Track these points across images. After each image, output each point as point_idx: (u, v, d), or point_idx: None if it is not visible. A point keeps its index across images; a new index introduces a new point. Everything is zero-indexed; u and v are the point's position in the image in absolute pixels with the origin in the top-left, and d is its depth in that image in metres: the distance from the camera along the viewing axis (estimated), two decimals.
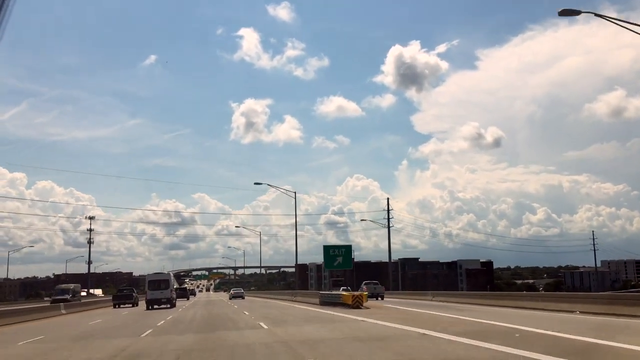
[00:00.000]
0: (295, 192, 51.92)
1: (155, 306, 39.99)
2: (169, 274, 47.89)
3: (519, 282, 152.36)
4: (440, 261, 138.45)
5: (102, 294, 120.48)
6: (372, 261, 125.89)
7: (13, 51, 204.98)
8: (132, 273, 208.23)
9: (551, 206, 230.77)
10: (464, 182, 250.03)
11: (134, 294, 51.56)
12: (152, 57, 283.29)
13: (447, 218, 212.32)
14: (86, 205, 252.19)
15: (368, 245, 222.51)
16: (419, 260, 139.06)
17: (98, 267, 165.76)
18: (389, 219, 73.03)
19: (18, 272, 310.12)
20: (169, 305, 40.33)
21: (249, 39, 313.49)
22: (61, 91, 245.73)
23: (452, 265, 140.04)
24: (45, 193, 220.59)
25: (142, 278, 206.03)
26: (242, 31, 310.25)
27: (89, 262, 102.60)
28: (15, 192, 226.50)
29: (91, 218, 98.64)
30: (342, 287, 72.22)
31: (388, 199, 76.25)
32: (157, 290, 40.52)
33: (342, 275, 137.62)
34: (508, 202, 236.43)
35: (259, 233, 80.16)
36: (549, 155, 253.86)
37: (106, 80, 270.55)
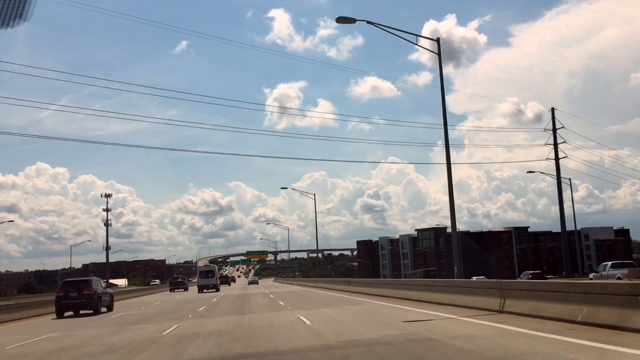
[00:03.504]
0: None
1: (205, 290, 47.94)
2: (214, 266, 61.90)
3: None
4: (553, 231, 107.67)
5: (127, 284, 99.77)
6: (472, 231, 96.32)
7: (52, 48, 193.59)
8: (164, 260, 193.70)
9: (593, 182, 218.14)
10: (501, 161, 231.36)
11: (185, 281, 64.16)
12: (184, 43, 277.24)
13: (484, 198, 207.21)
14: (127, 197, 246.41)
15: (405, 228, 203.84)
16: (529, 229, 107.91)
17: (117, 255, 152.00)
18: (556, 145, 43.32)
19: (64, 262, 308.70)
20: (214, 290, 48.38)
21: (280, 20, 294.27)
22: (99, 86, 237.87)
23: (572, 236, 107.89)
24: (86, 186, 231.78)
25: (175, 266, 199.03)
26: (273, 12, 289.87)
27: (107, 248, 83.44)
28: (58, 187, 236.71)
29: (108, 196, 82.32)
30: (523, 272, 45.18)
31: (553, 109, 45.17)
32: (206, 278, 49.86)
33: (432, 252, 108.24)
34: (547, 180, 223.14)
35: (313, 196, 58.12)
36: (589, 130, 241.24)
37: (141, 73, 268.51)
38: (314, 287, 43.87)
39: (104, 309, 24.36)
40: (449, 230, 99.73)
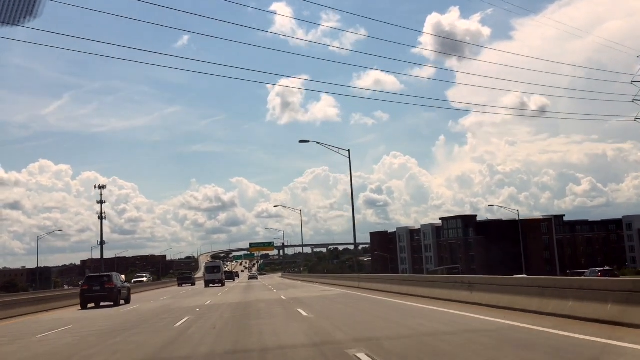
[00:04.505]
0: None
1: (211, 285, 52.27)
2: (220, 262, 71.49)
3: None
4: (590, 220, 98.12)
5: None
6: (504, 219, 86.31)
7: (52, 44, 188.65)
8: (165, 256, 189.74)
9: (596, 176, 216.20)
10: (504, 155, 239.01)
11: (192, 277, 71.99)
12: (185, 38, 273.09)
13: (487, 192, 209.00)
14: (129, 193, 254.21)
15: (409, 223, 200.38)
16: (564, 218, 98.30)
17: (113, 252, 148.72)
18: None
19: (66, 259, 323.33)
20: (220, 285, 52.80)
21: (282, 14, 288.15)
22: (100, 83, 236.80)
23: (611, 226, 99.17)
24: (89, 183, 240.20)
25: (176, 262, 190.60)
26: (275, 6, 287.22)
27: (102, 243, 79.31)
28: (61, 184, 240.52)
29: (102, 187, 79.54)
30: (590, 269, 36.89)
31: None
32: (212, 274, 54.68)
33: (459, 244, 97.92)
34: (550, 174, 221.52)
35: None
36: (591, 124, 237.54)
37: (142, 68, 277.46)
38: (360, 288, 28.27)
39: (122, 302, 26.58)
40: (479, 218, 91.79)
